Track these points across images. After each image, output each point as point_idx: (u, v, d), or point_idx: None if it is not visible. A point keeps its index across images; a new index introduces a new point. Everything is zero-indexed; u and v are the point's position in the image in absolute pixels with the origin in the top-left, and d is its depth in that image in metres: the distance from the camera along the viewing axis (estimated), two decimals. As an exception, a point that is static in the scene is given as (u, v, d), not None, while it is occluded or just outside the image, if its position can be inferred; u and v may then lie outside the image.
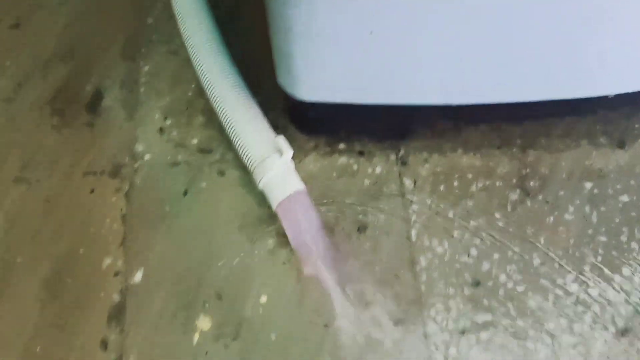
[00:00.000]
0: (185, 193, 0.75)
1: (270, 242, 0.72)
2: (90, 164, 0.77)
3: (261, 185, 0.72)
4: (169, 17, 0.86)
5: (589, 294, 0.68)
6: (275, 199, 0.71)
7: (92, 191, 0.76)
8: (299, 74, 0.66)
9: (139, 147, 0.78)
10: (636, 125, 0.77)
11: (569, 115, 0.75)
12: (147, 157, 0.77)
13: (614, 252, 0.70)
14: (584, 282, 0.68)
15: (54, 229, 0.73)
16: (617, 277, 0.69)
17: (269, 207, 0.72)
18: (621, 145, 0.76)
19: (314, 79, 0.67)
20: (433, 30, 0.59)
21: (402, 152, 0.77)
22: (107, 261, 0.71)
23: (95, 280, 0.70)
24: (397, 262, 0.70)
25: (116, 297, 0.69)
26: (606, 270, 0.69)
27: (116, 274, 0.71)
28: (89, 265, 0.71)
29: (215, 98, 0.77)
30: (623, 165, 0.74)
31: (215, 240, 0.72)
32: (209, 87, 0.77)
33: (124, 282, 0.70)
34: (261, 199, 0.73)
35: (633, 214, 0.72)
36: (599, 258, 0.70)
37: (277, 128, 0.77)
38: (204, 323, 0.68)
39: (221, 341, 0.67)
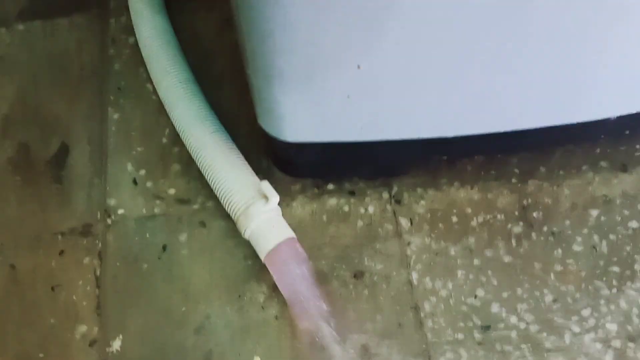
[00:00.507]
0: (164, 248, 0.69)
1: (260, 296, 0.66)
2: (58, 223, 0.71)
3: (247, 235, 0.66)
4: (138, 61, 0.81)
5: (607, 330, 0.63)
6: (263, 249, 0.65)
7: (61, 253, 0.69)
8: (281, 115, 0.62)
9: (111, 202, 0.72)
10: (637, 147, 0.73)
11: (568, 142, 0.71)
12: (120, 211, 0.72)
13: (629, 283, 0.65)
14: (600, 317, 0.64)
15: (21, 297, 0.67)
16: (635, 309, 0.64)
17: (257, 257, 0.66)
18: (624, 169, 0.72)
19: (298, 119, 0.62)
20: (424, 61, 0.55)
21: (395, 189, 0.72)
22: (82, 330, 0.65)
23: (69, 352, 0.63)
24: (399, 309, 0.65)
25: (93, 370, 0.63)
26: (623, 303, 0.64)
27: (92, 344, 0.64)
28: (61, 336, 0.64)
29: (191, 144, 0.72)
30: (628, 190, 0.71)
31: (200, 298, 0.66)
32: (184, 132, 0.72)
33: (102, 352, 0.63)
34: (247, 249, 0.68)
35: (644, 240, 0.67)
36: (614, 290, 0.65)
37: (260, 171, 0.72)
38: (192, 392, 0.61)
39: (213, 411, 0.60)
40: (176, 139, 0.75)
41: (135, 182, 0.73)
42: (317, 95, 0.58)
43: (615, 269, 0.66)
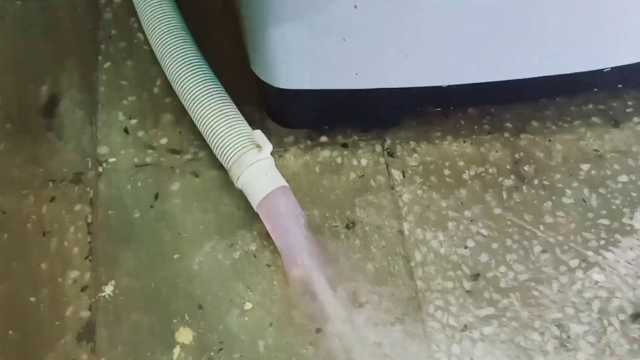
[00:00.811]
0: (156, 197, 0.69)
1: (253, 244, 0.66)
2: (49, 171, 0.71)
3: (239, 184, 0.66)
4: (130, 10, 0.80)
5: (594, 280, 0.64)
6: (256, 197, 0.65)
7: (52, 200, 0.69)
8: (276, 59, 0.61)
9: (103, 150, 0.72)
10: (629, 103, 0.74)
11: (561, 94, 0.72)
12: (111, 160, 0.71)
13: (617, 235, 0.66)
14: (588, 267, 0.65)
15: (12, 242, 0.67)
16: (622, 261, 0.65)
17: (249, 207, 0.66)
18: (615, 124, 0.72)
19: (293, 64, 0.61)
20: (420, 5, 0.54)
21: (388, 142, 0.72)
22: (73, 275, 0.65)
23: (61, 297, 0.63)
24: (390, 258, 0.65)
25: (85, 314, 0.63)
26: (610, 255, 0.65)
27: (84, 289, 0.64)
28: (53, 281, 0.64)
29: (183, 93, 0.71)
30: (619, 145, 0.71)
31: (192, 246, 0.66)
32: (177, 82, 0.72)
33: (94, 296, 0.64)
34: (240, 199, 0.68)
35: (634, 194, 0.68)
36: (602, 242, 0.66)
37: (254, 123, 0.72)
38: (184, 336, 0.61)
39: (204, 355, 0.60)
40: (168, 89, 0.74)
41: (126, 131, 0.73)
42: (312, 38, 0.58)
43: (604, 221, 0.67)
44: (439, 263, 0.65)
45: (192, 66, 0.71)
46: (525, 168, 0.70)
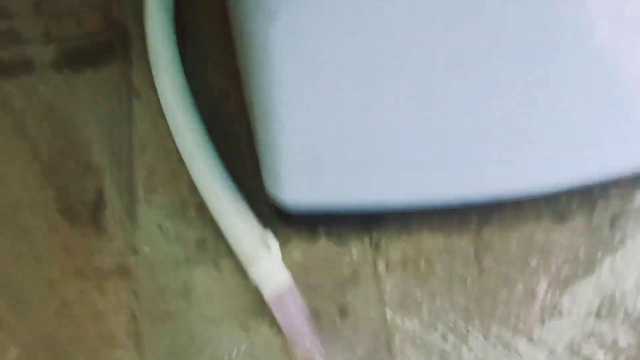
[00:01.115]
0: (185, 286, 0.85)
1: (266, 330, 0.83)
2: (98, 264, 0.87)
3: (253, 279, 0.82)
4: (161, 115, 0.94)
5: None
6: (267, 293, 0.81)
7: (101, 288, 0.85)
8: (283, 188, 0.76)
9: (142, 246, 0.87)
10: (574, 200, 0.88)
11: (520, 200, 0.87)
12: (150, 256, 0.87)
13: (554, 322, 0.82)
14: (531, 348, 0.81)
15: (70, 324, 0.83)
16: (559, 345, 0.82)
17: (262, 296, 0.82)
18: (562, 220, 0.88)
19: (301, 191, 0.77)
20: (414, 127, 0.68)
21: (375, 235, 0.88)
22: (119, 354, 0.81)
23: (115, 376, 0.81)
24: (376, 342, 0.82)
25: (136, 390, 0.80)
26: (551, 338, 0.82)
27: (133, 369, 0.81)
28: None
29: (205, 196, 0.86)
30: (563, 240, 0.87)
31: (217, 332, 0.83)
32: (199, 185, 0.87)
33: (141, 376, 0.81)
34: (254, 289, 0.84)
35: (572, 284, 0.84)
36: (544, 327, 0.82)
37: (262, 216, 0.87)
38: (214, 411, 0.79)
39: None
40: (195, 190, 0.89)
41: (160, 228, 0.88)
42: (315, 179, 0.73)
43: (548, 310, 0.83)
44: (415, 346, 0.82)
45: (212, 172, 0.86)
46: (487, 260, 0.86)
